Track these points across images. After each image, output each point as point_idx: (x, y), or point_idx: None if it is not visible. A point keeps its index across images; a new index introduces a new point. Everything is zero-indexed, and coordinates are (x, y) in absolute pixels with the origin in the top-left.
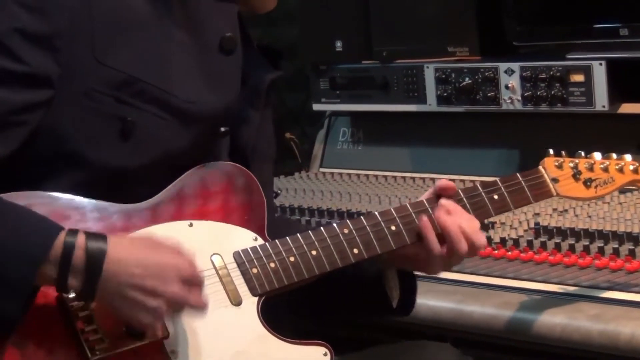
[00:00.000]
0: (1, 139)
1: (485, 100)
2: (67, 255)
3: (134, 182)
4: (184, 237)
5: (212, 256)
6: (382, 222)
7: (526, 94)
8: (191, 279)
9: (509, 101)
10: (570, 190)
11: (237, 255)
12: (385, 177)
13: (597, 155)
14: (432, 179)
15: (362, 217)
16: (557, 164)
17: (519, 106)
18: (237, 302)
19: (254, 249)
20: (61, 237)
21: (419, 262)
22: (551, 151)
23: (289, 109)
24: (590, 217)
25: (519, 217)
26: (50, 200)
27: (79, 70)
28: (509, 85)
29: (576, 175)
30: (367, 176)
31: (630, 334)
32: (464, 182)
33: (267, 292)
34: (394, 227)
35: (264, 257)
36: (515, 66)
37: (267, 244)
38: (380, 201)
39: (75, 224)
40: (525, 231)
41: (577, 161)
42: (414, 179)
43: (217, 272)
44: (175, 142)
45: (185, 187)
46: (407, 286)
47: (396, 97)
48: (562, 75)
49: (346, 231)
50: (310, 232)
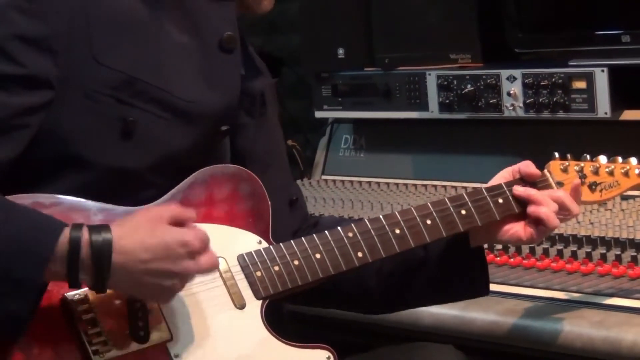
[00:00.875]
0: (5, 143)
1: (487, 107)
2: (74, 250)
3: (137, 183)
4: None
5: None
6: (386, 226)
7: (528, 101)
8: (198, 248)
9: (511, 108)
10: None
11: (241, 258)
12: (387, 184)
13: (602, 158)
14: (434, 186)
15: (366, 220)
16: (562, 167)
17: (521, 113)
18: (240, 305)
19: (258, 252)
20: (66, 233)
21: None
22: (557, 154)
23: (291, 116)
24: (592, 224)
25: None
26: (54, 202)
27: (79, 71)
28: (511, 92)
29: (581, 179)
30: (369, 183)
31: (632, 340)
32: (466, 188)
33: (270, 295)
34: (398, 231)
35: (268, 261)
36: (517, 73)
37: (271, 247)
38: (382, 208)
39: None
40: None
41: (583, 165)
42: (416, 185)
43: (221, 275)
44: (176, 141)
45: (190, 190)
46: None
47: (398, 104)
48: (564, 82)
49: (350, 235)
50: (314, 235)
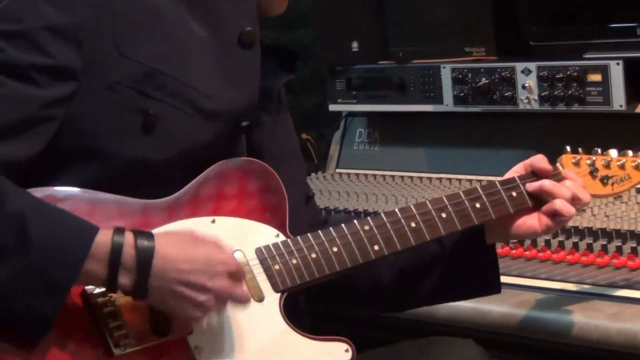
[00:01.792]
0: (35, 135)
1: (502, 100)
2: (117, 253)
3: (157, 177)
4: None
5: (234, 252)
6: (402, 219)
7: (543, 94)
8: (236, 273)
9: (526, 101)
10: (587, 187)
11: (259, 251)
12: (401, 177)
13: (613, 152)
14: (448, 179)
15: (382, 214)
16: (574, 161)
17: (536, 106)
18: (259, 298)
19: (276, 245)
20: (106, 235)
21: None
22: (568, 148)
23: (305, 110)
24: (608, 216)
25: None
26: (71, 195)
27: (102, 63)
28: (526, 85)
29: (593, 172)
30: (383, 177)
31: None
32: (481, 182)
33: (289, 288)
34: (414, 224)
35: (286, 254)
36: (532, 66)
37: (288, 240)
38: (396, 201)
39: (97, 220)
40: None
41: (594, 158)
42: (430, 179)
43: None
44: (197, 135)
45: (207, 183)
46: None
47: (413, 97)
48: (579, 75)
49: (367, 228)
50: (331, 228)
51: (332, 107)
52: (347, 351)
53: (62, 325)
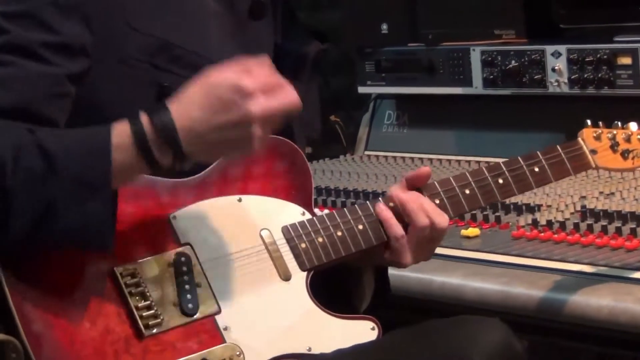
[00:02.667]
0: (52, 114)
1: (531, 83)
2: (139, 131)
3: None
4: (233, 212)
5: (261, 231)
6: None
7: (573, 77)
8: (252, 89)
9: (556, 84)
10: (608, 161)
11: (285, 230)
12: (430, 160)
13: (633, 125)
14: (477, 162)
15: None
16: (595, 135)
17: (565, 89)
18: (286, 277)
19: (302, 223)
20: (122, 125)
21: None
22: (589, 122)
23: (334, 92)
24: (637, 200)
25: (566, 200)
26: None
27: (114, 37)
28: (556, 68)
29: (614, 146)
30: (412, 159)
31: None
32: None
33: (315, 266)
34: (438, 201)
35: (312, 232)
36: (562, 49)
37: (314, 218)
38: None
39: (124, 199)
40: (571, 214)
41: (615, 132)
42: (459, 161)
43: (267, 247)
44: None
45: (233, 162)
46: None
47: (442, 80)
48: (609, 58)
49: (392, 205)
50: (356, 206)
51: (361, 90)
52: (373, 329)
53: (92, 305)
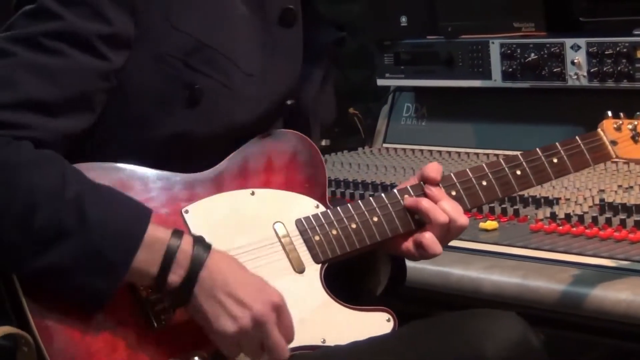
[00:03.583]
0: (93, 106)
1: (550, 76)
2: (171, 255)
3: (198, 151)
4: (246, 206)
5: (274, 224)
6: (442, 188)
7: (592, 70)
8: (282, 310)
9: (575, 77)
10: (629, 152)
11: (299, 222)
12: (448, 152)
13: None
14: (495, 155)
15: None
16: (615, 126)
17: (584, 82)
18: (300, 269)
19: (316, 216)
20: (163, 235)
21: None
22: (609, 113)
23: (353, 85)
24: None
25: (584, 194)
26: (113, 170)
27: (153, 32)
28: (575, 61)
29: (635, 136)
30: (430, 152)
31: None
32: None
33: (329, 259)
34: (454, 193)
35: (326, 225)
36: (581, 42)
37: (328, 211)
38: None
39: (138, 194)
40: (590, 207)
41: (636, 123)
42: (477, 154)
43: (280, 240)
44: (240, 113)
45: (246, 155)
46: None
47: (461, 72)
48: (628, 51)
49: (407, 197)
50: (371, 198)
51: (380, 82)
52: (389, 321)
53: None
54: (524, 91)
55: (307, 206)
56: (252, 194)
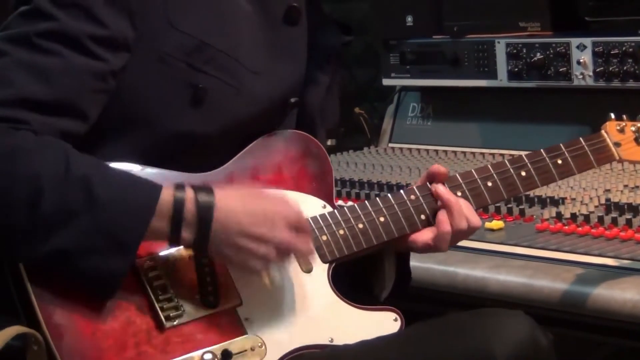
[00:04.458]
0: (91, 107)
1: (556, 75)
2: (179, 209)
3: (203, 151)
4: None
5: None
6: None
7: (598, 70)
8: (298, 224)
9: (581, 77)
10: (632, 154)
11: None
12: (454, 152)
13: None
14: (501, 155)
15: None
16: (618, 127)
17: (590, 82)
18: (308, 269)
19: (323, 216)
20: (168, 192)
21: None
22: (612, 115)
23: (359, 84)
24: None
25: (590, 193)
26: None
27: (153, 34)
28: (581, 60)
29: (638, 138)
30: (436, 151)
31: None
32: None
33: (337, 259)
34: (460, 193)
35: (333, 225)
36: (587, 41)
37: (335, 211)
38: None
39: None
40: (596, 207)
41: (639, 125)
42: (483, 154)
43: None
44: (244, 111)
45: (254, 156)
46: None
47: (467, 72)
48: (634, 51)
49: (413, 198)
50: (378, 199)
51: (386, 82)
52: (396, 320)
53: (114, 298)
54: (530, 91)
55: (314, 206)
56: None
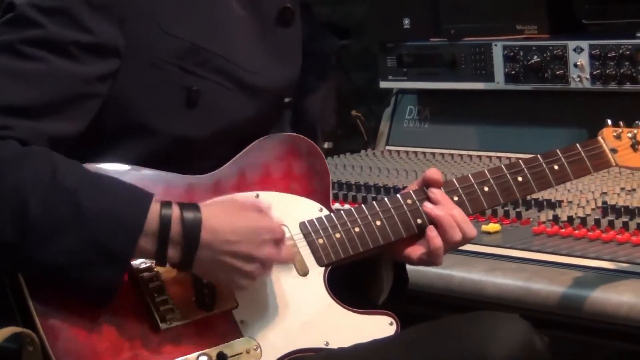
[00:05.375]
0: (78, 112)
1: (553, 78)
2: (165, 228)
3: (199, 153)
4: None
5: None
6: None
7: (595, 73)
8: (280, 237)
9: (578, 79)
10: (629, 160)
11: (303, 226)
12: (451, 155)
13: None
14: (498, 157)
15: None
16: (615, 134)
17: (587, 85)
18: (304, 272)
19: (320, 219)
20: (155, 208)
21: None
22: (609, 122)
23: (356, 87)
24: None
25: (587, 196)
26: (116, 172)
27: (145, 40)
28: (578, 63)
29: (635, 145)
30: (433, 154)
31: None
32: None
33: (333, 262)
34: (456, 198)
35: (330, 228)
36: (584, 44)
37: (332, 214)
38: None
39: None
40: (592, 210)
41: (636, 131)
42: (480, 157)
43: None
44: (240, 112)
45: (250, 158)
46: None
47: (464, 75)
48: (631, 53)
49: (409, 202)
50: (374, 202)
51: (383, 84)
52: (391, 324)
53: None
54: (527, 94)
55: (311, 209)
56: (257, 196)
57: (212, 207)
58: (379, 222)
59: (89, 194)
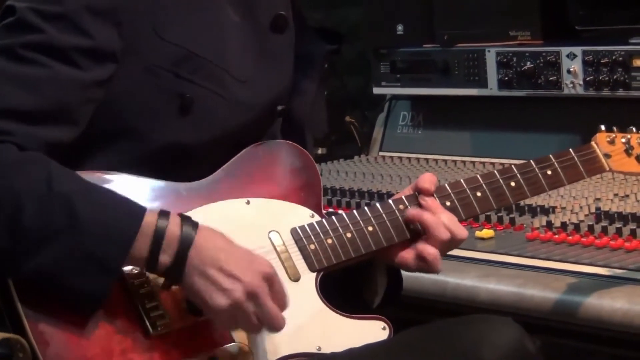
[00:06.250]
0: (76, 117)
1: (546, 84)
2: (159, 235)
3: (191, 160)
4: (241, 215)
5: (269, 233)
6: (437, 199)
7: (588, 79)
8: (273, 280)
9: (571, 86)
10: (622, 165)
11: (294, 232)
12: (445, 161)
13: None
14: (491, 163)
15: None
16: (609, 139)
17: (580, 91)
18: (295, 278)
19: (311, 225)
20: (151, 220)
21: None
22: (603, 127)
23: (349, 93)
24: None
25: (580, 202)
26: (106, 180)
27: (140, 45)
28: (571, 69)
29: (628, 150)
30: (426, 160)
31: None
32: None
33: (325, 267)
34: (449, 203)
35: (322, 234)
36: (577, 50)
37: (324, 220)
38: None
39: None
40: (586, 216)
41: (629, 137)
42: (474, 163)
43: (275, 249)
44: (232, 119)
45: (242, 165)
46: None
47: (457, 81)
48: (624, 59)
49: (402, 207)
50: (366, 208)
51: (377, 90)
52: (384, 329)
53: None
54: (520, 100)
55: (302, 215)
56: (248, 203)
57: (210, 229)
58: (371, 228)
59: (84, 203)
